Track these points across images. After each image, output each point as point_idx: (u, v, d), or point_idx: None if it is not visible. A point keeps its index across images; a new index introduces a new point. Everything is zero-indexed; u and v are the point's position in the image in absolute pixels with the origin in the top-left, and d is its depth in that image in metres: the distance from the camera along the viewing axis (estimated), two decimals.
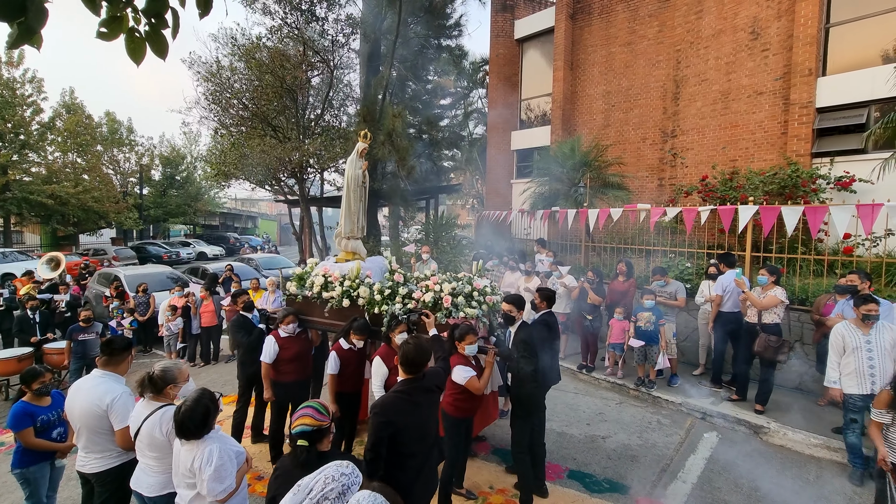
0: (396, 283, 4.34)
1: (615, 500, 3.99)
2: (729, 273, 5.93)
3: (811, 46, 8.08)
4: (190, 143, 32.10)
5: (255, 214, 48.49)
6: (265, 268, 15.31)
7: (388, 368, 3.76)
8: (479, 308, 4.11)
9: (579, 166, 9.46)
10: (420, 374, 2.76)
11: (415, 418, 2.66)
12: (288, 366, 4.46)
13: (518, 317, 3.90)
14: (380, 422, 2.53)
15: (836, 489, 4.08)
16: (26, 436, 3.25)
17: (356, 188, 5.15)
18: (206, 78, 10.17)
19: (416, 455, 2.66)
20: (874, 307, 4.02)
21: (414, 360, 2.73)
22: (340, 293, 4.43)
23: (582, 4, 12.04)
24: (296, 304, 4.82)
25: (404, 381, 2.74)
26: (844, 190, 7.28)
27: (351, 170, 5.14)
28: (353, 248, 5.23)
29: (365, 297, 4.31)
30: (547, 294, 4.36)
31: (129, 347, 3.31)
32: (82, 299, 10.29)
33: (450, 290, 4.02)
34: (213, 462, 2.38)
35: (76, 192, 21.33)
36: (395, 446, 2.55)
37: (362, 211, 5.27)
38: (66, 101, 24.14)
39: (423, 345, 2.82)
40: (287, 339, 4.48)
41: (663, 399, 5.90)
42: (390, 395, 2.70)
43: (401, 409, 2.61)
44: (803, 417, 5.16)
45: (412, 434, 2.63)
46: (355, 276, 4.53)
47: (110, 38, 1.76)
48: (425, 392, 2.78)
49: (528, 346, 3.72)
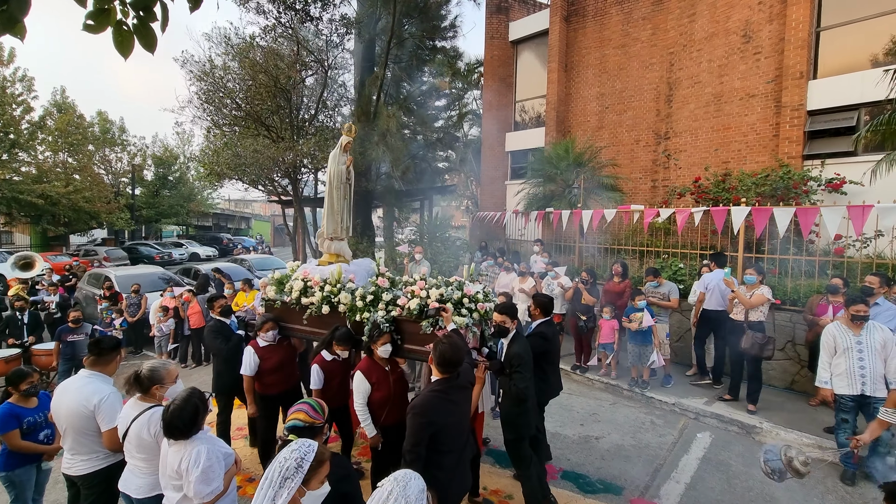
0: (380, 289, 3.96)
1: (609, 500, 3.98)
2: (716, 272, 6.00)
3: (802, 50, 8.16)
4: (183, 144, 31.89)
5: (248, 215, 48.23)
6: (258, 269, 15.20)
7: (369, 384, 3.44)
8: (469, 316, 3.67)
9: (573, 168, 9.49)
10: (455, 373, 2.73)
11: (453, 417, 2.68)
12: (272, 377, 4.20)
13: (511, 327, 3.60)
14: (420, 422, 2.53)
15: (828, 489, 4.10)
16: (12, 438, 3.19)
17: (339, 185, 4.80)
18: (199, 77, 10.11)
19: (452, 452, 2.68)
20: (862, 308, 4.05)
21: (451, 360, 2.68)
22: (320, 299, 4.10)
23: (576, 7, 12.10)
24: (274, 311, 4.50)
25: (441, 381, 2.70)
26: (835, 192, 7.35)
27: (334, 165, 4.79)
28: (336, 249, 4.87)
29: (346, 303, 3.97)
30: (542, 302, 4.12)
31: (117, 347, 3.25)
32: (72, 300, 10.16)
33: (437, 297, 3.65)
34: (200, 463, 2.34)
35: (67, 191, 21.08)
36: (433, 444, 2.56)
37: (347, 210, 4.90)
38: (56, 101, 23.91)
39: (458, 343, 2.79)
40: (267, 348, 4.22)
41: (657, 399, 5.92)
42: (428, 395, 2.66)
43: (440, 408, 2.61)
44: (795, 417, 5.20)
45: (451, 432, 2.66)
46: (336, 280, 4.19)
47: (97, 31, 1.73)
48: (461, 390, 2.79)
49: (523, 361, 3.42)
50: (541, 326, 4.03)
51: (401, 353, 3.77)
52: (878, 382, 3.98)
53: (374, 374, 3.50)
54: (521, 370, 3.40)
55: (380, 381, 3.49)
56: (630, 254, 8.57)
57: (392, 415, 3.49)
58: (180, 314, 8.34)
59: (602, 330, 6.44)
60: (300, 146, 9.99)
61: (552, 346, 4.00)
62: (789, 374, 6.11)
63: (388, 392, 3.51)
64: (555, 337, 4.06)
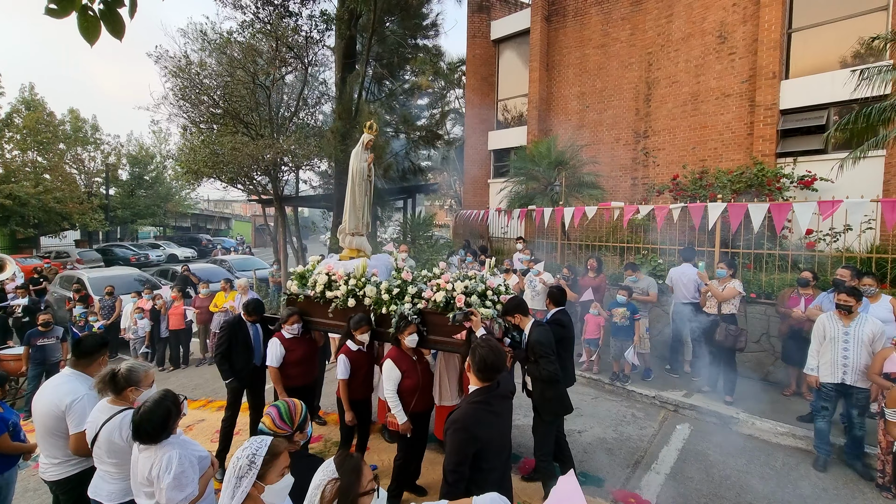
0: (405, 282, 4.05)
1: (591, 492, 4.01)
2: (683, 266, 6.14)
3: (775, 51, 8.38)
4: (159, 143, 31.12)
5: (228, 216, 47.39)
6: (238, 269, 15.00)
7: (400, 372, 3.57)
8: (493, 308, 3.78)
9: (555, 166, 9.57)
10: (496, 380, 2.46)
11: (497, 430, 2.42)
12: (295, 369, 4.24)
13: (524, 323, 3.68)
14: (462, 438, 2.26)
15: (801, 475, 4.22)
16: (3, 441, 3.10)
17: (361, 182, 4.84)
18: (174, 73, 9.84)
19: (496, 469, 2.40)
20: (843, 297, 4.16)
21: (493, 365, 2.40)
22: (345, 292, 4.17)
23: (557, 6, 12.20)
24: (298, 305, 4.56)
25: (480, 391, 2.43)
26: (807, 189, 7.58)
27: (356, 162, 4.81)
28: (357, 244, 4.93)
29: (371, 296, 4.04)
30: (555, 294, 4.25)
31: (100, 347, 3.14)
32: (42, 303, 9.82)
33: (462, 289, 3.72)
34: (171, 469, 2.24)
35: (36, 192, 20.40)
36: (476, 462, 2.29)
37: (367, 206, 4.97)
38: (25, 98, 23.07)
39: (498, 347, 2.51)
40: (292, 340, 4.26)
41: (637, 393, 6.00)
42: (469, 407, 2.38)
43: (484, 421, 2.34)
44: (770, 407, 5.33)
45: (494, 447, 2.39)
46: (361, 274, 4.27)
47: (60, 16, 1.67)
48: (503, 399, 2.52)
49: (544, 346, 3.50)
50: (557, 314, 4.16)
51: (426, 343, 3.86)
52: (860, 373, 4.09)
53: (403, 362, 3.62)
54: (546, 354, 3.49)
55: (409, 370, 3.62)
56: (611, 250, 8.68)
57: (420, 402, 3.63)
58: (159, 315, 8.14)
59: (587, 325, 6.50)
60: (280, 144, 9.83)
61: (568, 333, 4.07)
62: (764, 365, 6.27)
63: (417, 380, 3.63)
64: (570, 324, 4.16)
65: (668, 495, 3.97)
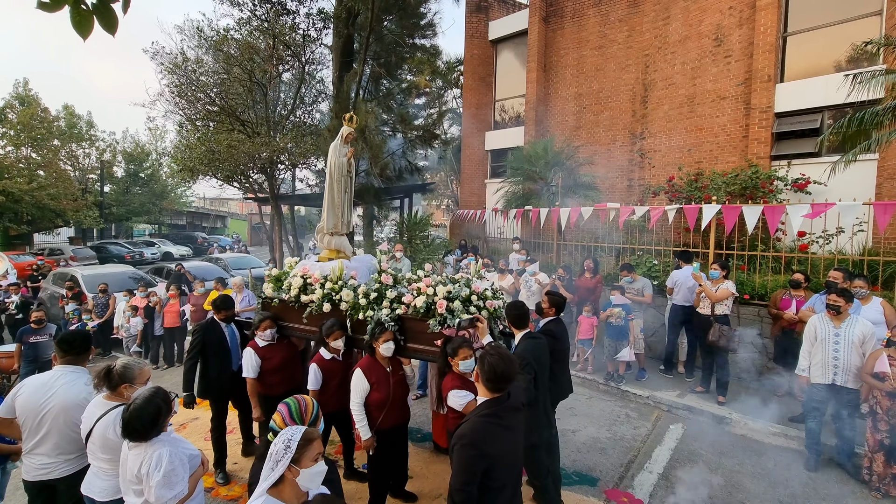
0: (384, 286, 3.78)
1: (584, 492, 4.04)
2: (685, 269, 6.17)
3: (770, 54, 8.44)
4: (155, 140, 30.94)
5: (224, 214, 47.13)
6: (234, 268, 14.91)
7: (368, 383, 3.33)
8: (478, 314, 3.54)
9: (552, 166, 9.60)
10: (506, 392, 2.27)
11: (508, 445, 2.22)
12: (274, 376, 4.01)
13: (516, 333, 3.47)
14: (471, 455, 2.07)
15: (792, 475, 4.25)
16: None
17: (340, 177, 4.52)
18: (170, 70, 9.81)
19: (506, 487, 2.22)
20: (833, 297, 4.19)
21: (503, 375, 2.21)
22: (321, 296, 3.91)
23: (555, 7, 12.23)
24: (272, 309, 4.31)
25: (490, 402, 2.25)
26: (801, 191, 7.63)
27: (335, 157, 4.48)
28: (337, 245, 4.60)
29: (348, 300, 3.78)
30: (556, 301, 4.02)
31: (87, 342, 3.12)
32: (35, 300, 9.76)
33: (444, 294, 3.46)
34: (161, 467, 2.22)
35: (30, 188, 20.21)
36: (484, 481, 2.11)
37: (348, 203, 4.62)
38: (18, 93, 22.87)
39: (509, 355, 2.33)
40: (268, 347, 4.05)
41: (631, 393, 6.03)
42: (478, 421, 2.18)
43: (494, 436, 2.15)
44: (763, 408, 5.36)
45: (505, 464, 2.19)
46: (338, 276, 3.99)
47: (53, 9, 1.66)
48: (514, 412, 2.30)
49: (524, 362, 3.17)
50: (549, 324, 3.90)
51: (405, 352, 3.62)
52: (851, 374, 4.12)
53: (374, 373, 3.37)
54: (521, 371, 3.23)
55: (379, 382, 3.36)
56: (606, 251, 8.71)
57: (389, 418, 3.35)
58: (153, 312, 8.10)
59: (581, 326, 6.52)
60: (277, 142, 9.81)
61: (560, 345, 3.79)
62: (756, 366, 6.31)
63: (388, 394, 3.36)
64: (563, 335, 3.87)
65: (660, 495, 3.99)
